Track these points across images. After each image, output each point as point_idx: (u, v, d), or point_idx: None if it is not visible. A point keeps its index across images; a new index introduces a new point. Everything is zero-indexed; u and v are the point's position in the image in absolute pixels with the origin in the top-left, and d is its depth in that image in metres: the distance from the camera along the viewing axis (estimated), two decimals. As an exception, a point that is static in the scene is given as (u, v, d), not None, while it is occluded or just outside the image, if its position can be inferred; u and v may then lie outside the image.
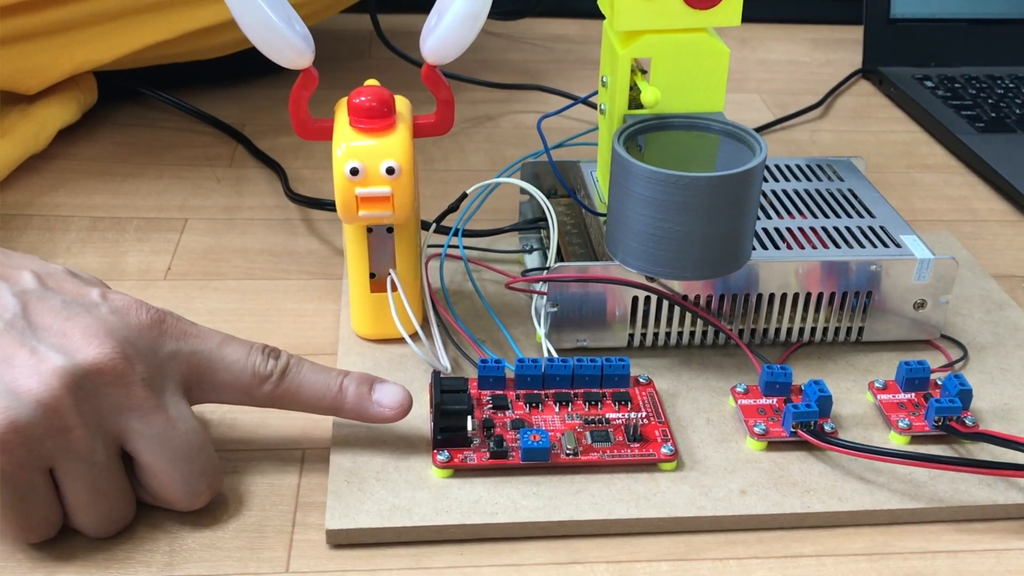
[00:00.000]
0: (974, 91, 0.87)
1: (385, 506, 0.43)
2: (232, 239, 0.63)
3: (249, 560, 0.42)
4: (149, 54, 0.71)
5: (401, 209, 0.48)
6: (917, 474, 0.46)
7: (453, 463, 0.45)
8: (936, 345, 0.55)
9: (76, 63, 0.69)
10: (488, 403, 0.48)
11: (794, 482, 0.46)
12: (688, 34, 0.50)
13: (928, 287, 0.53)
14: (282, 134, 0.76)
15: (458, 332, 0.53)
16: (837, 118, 0.86)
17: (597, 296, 0.52)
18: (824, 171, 0.60)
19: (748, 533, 0.44)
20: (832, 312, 0.54)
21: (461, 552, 0.43)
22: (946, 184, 0.76)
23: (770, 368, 0.50)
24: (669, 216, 0.48)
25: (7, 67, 0.66)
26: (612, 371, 0.49)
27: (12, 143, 0.66)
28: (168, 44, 0.71)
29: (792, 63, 0.97)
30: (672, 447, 0.46)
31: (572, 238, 0.58)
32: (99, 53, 0.69)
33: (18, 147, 0.66)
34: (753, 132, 0.50)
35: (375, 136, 0.47)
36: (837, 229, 0.54)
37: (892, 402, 0.50)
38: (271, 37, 0.46)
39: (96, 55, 0.69)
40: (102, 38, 0.68)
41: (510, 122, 0.82)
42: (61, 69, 0.69)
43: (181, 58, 0.76)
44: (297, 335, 0.55)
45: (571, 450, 0.46)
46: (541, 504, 0.44)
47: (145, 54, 0.71)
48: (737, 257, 0.50)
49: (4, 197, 0.66)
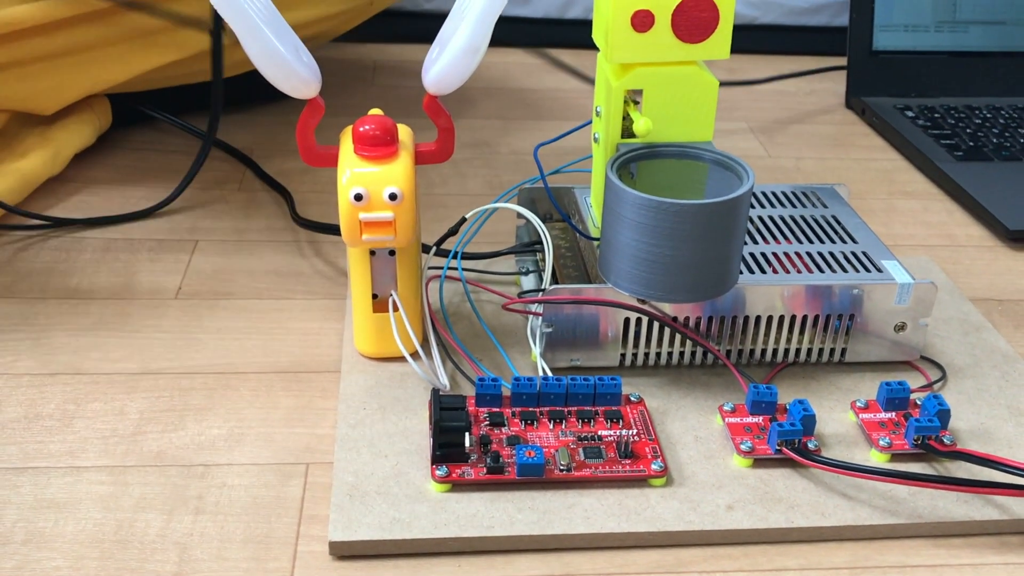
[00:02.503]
0: (953, 121, 0.87)
1: (386, 519, 0.43)
2: (240, 260, 0.63)
3: (255, 570, 0.42)
4: (160, 74, 0.72)
5: (403, 233, 0.48)
6: (897, 491, 0.47)
7: (451, 478, 0.45)
8: (916, 366, 0.55)
9: (90, 84, 0.69)
10: (485, 420, 0.49)
11: (779, 498, 0.46)
12: (679, 67, 0.51)
13: (908, 310, 0.53)
14: (289, 159, 0.76)
15: (456, 351, 0.54)
16: (821, 146, 0.86)
17: (590, 317, 0.52)
18: (808, 198, 0.61)
19: (735, 547, 0.44)
20: (816, 334, 0.54)
21: (459, 564, 0.43)
22: (926, 210, 0.76)
23: (756, 388, 0.50)
24: (660, 241, 0.48)
25: (24, 88, 0.66)
26: (604, 390, 0.50)
27: (30, 165, 0.66)
28: (178, 64, 0.71)
29: (778, 92, 0.97)
30: (662, 463, 0.46)
31: (567, 261, 0.58)
32: (112, 74, 0.69)
33: (36, 170, 0.66)
34: (741, 161, 0.50)
35: (378, 163, 0.47)
36: (821, 254, 0.55)
37: (873, 421, 0.50)
38: (279, 68, 0.46)
39: (109, 76, 0.69)
40: (115, 59, 0.69)
41: (507, 148, 0.82)
42: (76, 90, 0.69)
43: (191, 79, 0.76)
44: (302, 353, 0.55)
45: (565, 466, 0.46)
46: (536, 518, 0.44)
47: (156, 74, 0.71)
48: (725, 281, 0.50)
49: (22, 219, 0.66)
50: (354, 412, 0.50)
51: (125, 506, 0.44)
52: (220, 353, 0.54)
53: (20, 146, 0.67)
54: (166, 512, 0.44)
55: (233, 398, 0.51)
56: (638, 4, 0.48)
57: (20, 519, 0.44)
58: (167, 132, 0.79)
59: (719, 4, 0.49)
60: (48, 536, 0.43)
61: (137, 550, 0.42)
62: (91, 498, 0.45)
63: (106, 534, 0.43)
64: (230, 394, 0.51)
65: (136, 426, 0.49)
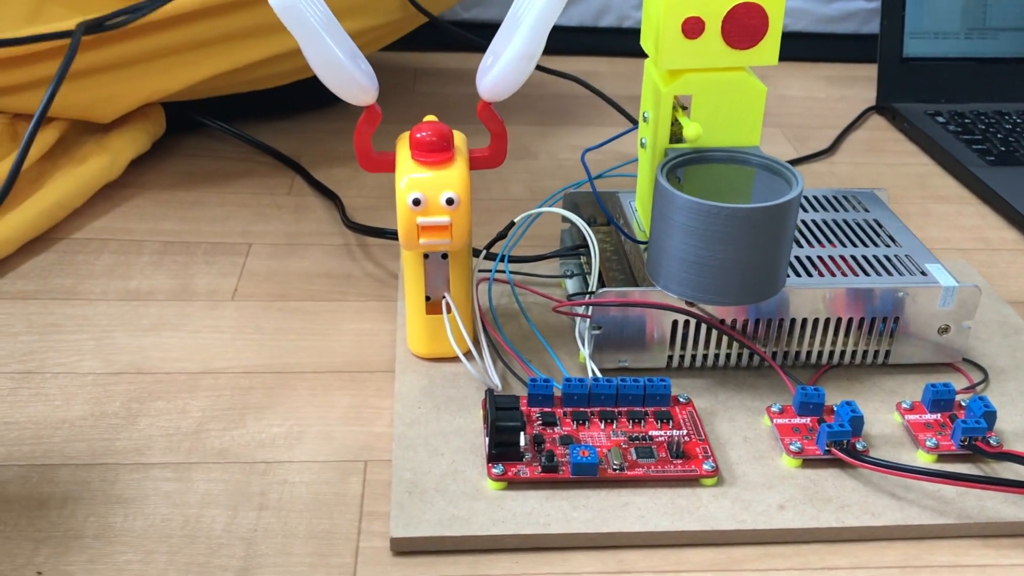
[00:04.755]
0: (983, 126, 0.86)
1: (445, 516, 0.43)
2: (293, 263, 0.63)
3: (319, 566, 0.42)
4: (212, 84, 0.72)
5: (459, 237, 0.48)
6: (945, 491, 0.46)
7: (507, 476, 0.45)
8: (958, 368, 0.55)
9: (146, 93, 0.69)
10: (538, 419, 0.48)
11: (829, 498, 0.45)
12: (728, 72, 0.50)
13: (952, 313, 0.53)
14: (336, 164, 0.76)
15: (507, 352, 0.53)
16: (853, 151, 0.86)
17: (637, 319, 0.52)
18: (850, 202, 0.60)
19: (786, 546, 0.44)
20: (860, 336, 0.53)
21: (516, 560, 0.42)
22: (959, 214, 0.75)
23: (804, 389, 0.49)
24: (711, 245, 0.47)
25: (83, 97, 0.66)
26: (654, 391, 0.49)
27: (89, 171, 0.66)
28: (229, 75, 0.71)
29: (809, 99, 0.97)
30: (713, 463, 0.46)
31: (612, 264, 0.58)
32: (167, 84, 0.69)
33: (94, 175, 0.67)
34: (789, 166, 0.50)
35: (435, 169, 0.47)
36: (865, 257, 0.54)
37: (919, 422, 0.50)
38: (339, 76, 0.46)
39: (164, 85, 0.69)
40: (169, 70, 0.69)
41: (546, 154, 0.82)
42: (132, 99, 0.69)
43: (241, 88, 0.76)
44: (357, 354, 0.55)
45: (617, 465, 0.46)
46: (590, 516, 0.44)
47: (209, 84, 0.71)
48: (773, 284, 0.50)
49: (82, 222, 0.66)
50: (410, 411, 0.49)
51: (191, 502, 0.44)
52: (277, 353, 0.54)
53: (79, 152, 0.67)
54: (231, 508, 0.44)
55: (292, 397, 0.51)
56: (689, 11, 0.48)
57: (91, 514, 0.44)
58: (218, 139, 0.79)
59: (768, 11, 0.49)
60: (118, 531, 0.43)
61: (204, 545, 0.42)
62: (158, 494, 0.45)
63: (174, 529, 0.43)
64: (288, 393, 0.51)
65: (198, 424, 0.49)
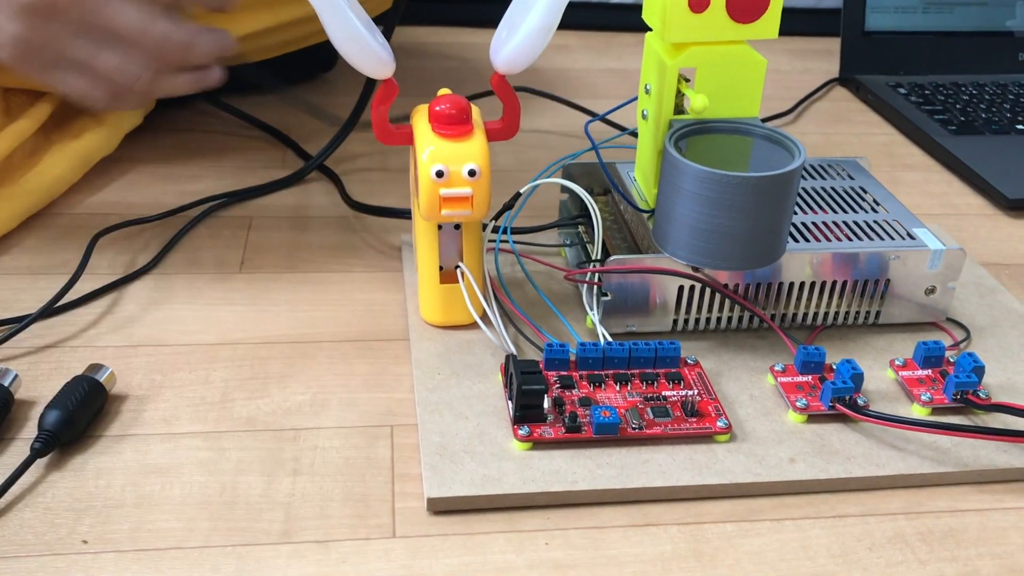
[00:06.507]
0: (943, 97, 0.90)
1: (477, 476, 0.45)
2: (295, 236, 0.64)
3: (359, 527, 0.43)
4: None
5: (479, 208, 0.49)
6: (941, 442, 0.49)
7: (533, 437, 0.47)
8: (941, 327, 0.57)
9: None
10: (556, 383, 0.50)
11: (835, 451, 0.48)
12: (730, 46, 0.52)
13: (939, 274, 0.55)
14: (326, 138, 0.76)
15: (519, 318, 0.55)
16: (821, 122, 0.88)
17: (644, 286, 0.53)
18: (835, 170, 0.63)
19: (799, 496, 0.46)
20: (853, 298, 0.56)
21: (547, 516, 0.44)
22: (927, 182, 0.78)
23: (806, 349, 0.52)
24: (719, 212, 0.49)
25: None
26: (664, 353, 0.51)
27: (85, 146, 0.66)
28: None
29: (772, 71, 0.99)
30: (727, 421, 0.48)
31: (613, 233, 0.59)
32: None
33: (91, 150, 0.66)
34: (791, 136, 0.52)
35: (457, 141, 0.48)
36: (856, 223, 0.57)
37: (913, 378, 0.52)
38: (360, 49, 0.47)
39: None
40: None
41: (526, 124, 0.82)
42: None
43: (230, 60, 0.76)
44: (370, 323, 0.56)
45: (637, 425, 0.47)
46: (615, 473, 0.46)
47: None
48: (776, 249, 0.52)
49: (80, 198, 0.66)
50: (430, 377, 0.51)
51: (225, 469, 0.45)
52: (292, 323, 0.55)
53: (74, 127, 0.67)
54: (266, 474, 0.45)
55: (312, 365, 0.52)
56: (696, -13, 0.50)
57: (128, 483, 0.44)
58: (207, 114, 0.79)
59: (772, -13, 0.50)
60: (158, 499, 0.44)
61: (244, 511, 0.43)
62: (192, 462, 0.46)
63: (212, 496, 0.44)
64: (308, 362, 0.52)
65: (223, 394, 0.50)
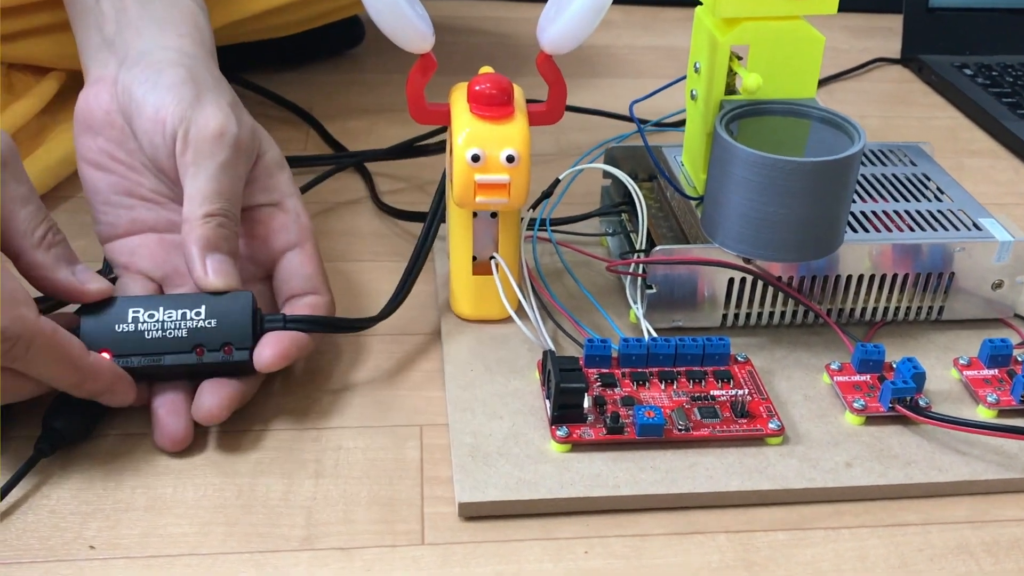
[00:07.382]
0: (1011, 79, 0.86)
1: (511, 480, 0.43)
2: (319, 221, 0.62)
3: (385, 533, 0.41)
4: (224, 33, 0.70)
5: (517, 197, 0.46)
6: (1008, 446, 0.46)
7: (572, 438, 0.44)
8: (1009, 324, 0.54)
9: None
10: (597, 381, 0.47)
11: (895, 454, 0.45)
12: (785, 22, 0.49)
13: (1007, 268, 0.52)
14: (352, 117, 0.75)
15: (558, 312, 0.52)
16: (882, 103, 0.85)
17: (691, 278, 0.51)
18: (896, 155, 0.59)
19: (855, 503, 0.44)
20: (915, 292, 0.53)
21: (587, 523, 0.42)
22: (992, 168, 0.75)
23: (864, 347, 0.49)
24: (773, 200, 0.47)
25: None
26: (713, 350, 0.48)
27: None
28: (242, 23, 0.70)
29: (831, 49, 0.96)
30: (779, 422, 0.45)
31: (658, 221, 0.57)
32: None
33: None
34: (850, 119, 0.49)
35: (496, 123, 0.46)
36: (919, 212, 0.53)
37: (978, 378, 0.49)
38: (399, 20, 0.44)
39: None
40: None
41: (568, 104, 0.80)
42: None
43: (252, 36, 0.75)
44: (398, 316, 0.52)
45: (683, 426, 0.45)
46: (659, 477, 0.43)
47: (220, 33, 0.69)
48: (833, 240, 0.49)
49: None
50: (462, 374, 0.49)
51: (242, 471, 0.43)
52: (318, 315, 0.53)
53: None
54: (286, 476, 0.43)
55: (336, 360, 0.50)
56: (750, -42, 0.47)
57: (138, 485, 0.42)
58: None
59: (831, -42, 0.48)
60: (169, 502, 0.42)
61: (262, 515, 0.41)
62: (206, 463, 0.44)
63: (228, 499, 0.42)
64: (332, 357, 0.50)
65: (243, 389, 0.48)
